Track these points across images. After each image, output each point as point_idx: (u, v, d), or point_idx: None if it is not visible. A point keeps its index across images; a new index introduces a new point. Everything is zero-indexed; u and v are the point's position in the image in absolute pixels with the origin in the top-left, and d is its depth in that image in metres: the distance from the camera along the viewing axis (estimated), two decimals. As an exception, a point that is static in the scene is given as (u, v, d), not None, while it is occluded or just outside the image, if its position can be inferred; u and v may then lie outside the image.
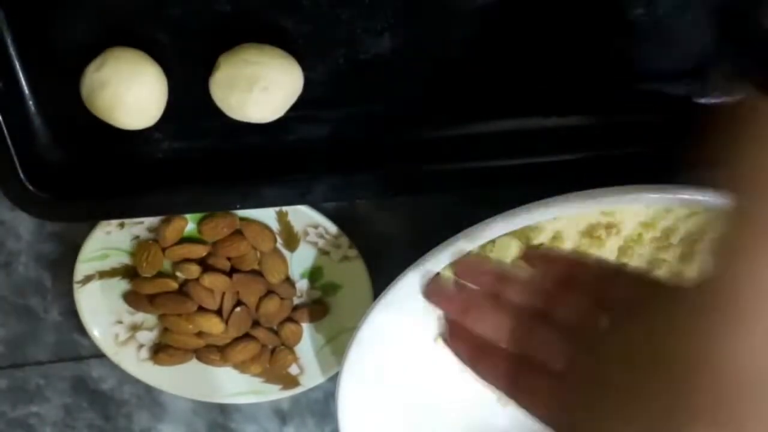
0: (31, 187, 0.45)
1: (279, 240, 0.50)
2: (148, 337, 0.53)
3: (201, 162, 0.46)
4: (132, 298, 0.51)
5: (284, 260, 0.50)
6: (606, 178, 0.42)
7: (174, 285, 0.51)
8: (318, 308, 0.52)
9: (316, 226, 0.49)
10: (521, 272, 0.37)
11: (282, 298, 0.51)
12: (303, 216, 0.48)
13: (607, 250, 0.45)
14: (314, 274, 0.51)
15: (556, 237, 0.45)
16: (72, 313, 0.53)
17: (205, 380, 0.54)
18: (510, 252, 0.46)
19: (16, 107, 0.44)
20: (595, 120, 0.45)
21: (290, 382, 0.54)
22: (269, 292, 0.51)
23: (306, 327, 0.53)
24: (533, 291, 0.36)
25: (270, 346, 0.53)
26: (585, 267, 0.35)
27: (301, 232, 0.49)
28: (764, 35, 0.42)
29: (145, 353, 0.53)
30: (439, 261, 0.45)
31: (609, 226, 0.44)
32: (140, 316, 0.52)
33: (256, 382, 0.54)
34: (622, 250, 0.46)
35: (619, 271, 0.35)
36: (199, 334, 0.52)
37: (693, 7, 0.43)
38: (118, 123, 0.43)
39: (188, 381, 0.54)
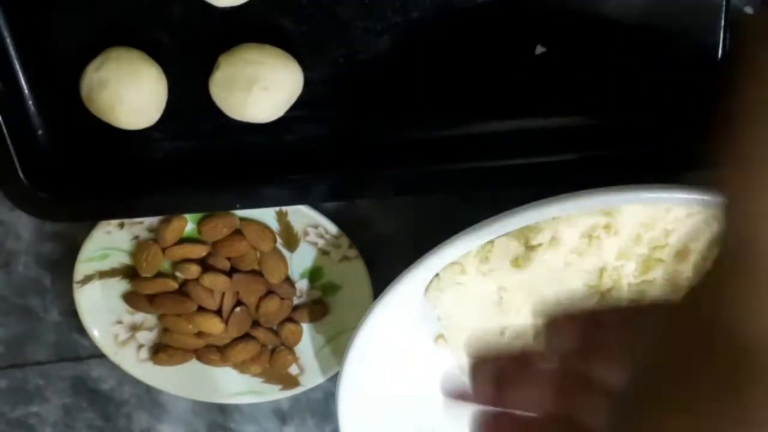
0: (31, 187, 0.45)
1: (279, 240, 0.50)
2: (147, 337, 0.53)
3: (201, 162, 0.46)
4: (132, 298, 0.51)
5: (284, 260, 0.50)
6: (605, 178, 0.42)
7: (174, 285, 0.51)
8: (318, 308, 0.52)
9: (316, 226, 0.49)
10: (538, 345, 0.36)
11: (282, 298, 0.51)
12: (303, 216, 0.48)
13: (606, 251, 0.45)
14: (314, 274, 0.51)
15: (555, 237, 0.45)
16: (72, 313, 0.53)
17: (205, 380, 0.54)
18: (510, 252, 0.46)
19: (16, 107, 0.44)
20: (595, 120, 0.45)
21: (290, 382, 0.54)
22: (269, 292, 0.51)
23: (306, 327, 0.53)
24: (558, 355, 0.35)
25: (270, 346, 0.53)
26: (600, 319, 0.35)
27: (301, 232, 0.49)
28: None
29: (144, 353, 0.53)
30: (439, 261, 0.45)
31: (608, 227, 0.44)
32: (140, 316, 0.52)
33: (256, 382, 0.54)
34: (621, 250, 0.46)
35: (639, 309, 0.34)
36: (199, 334, 0.52)
37: (692, 7, 0.43)
38: (118, 123, 0.43)
39: (188, 381, 0.54)
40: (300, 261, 0.51)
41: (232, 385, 0.54)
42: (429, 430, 0.52)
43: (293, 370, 0.54)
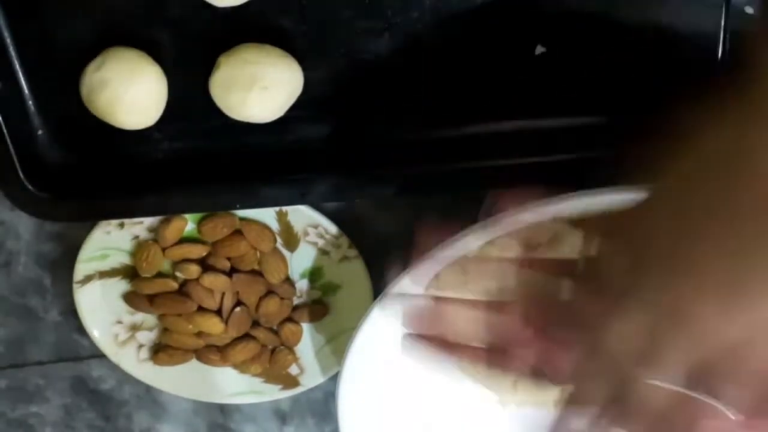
0: (31, 187, 0.45)
1: (279, 240, 0.50)
2: (147, 337, 0.53)
3: (201, 162, 0.46)
4: (132, 298, 0.51)
5: (284, 260, 0.50)
6: (606, 178, 0.42)
7: (174, 285, 0.51)
8: (318, 308, 0.52)
9: (316, 226, 0.49)
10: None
11: (282, 298, 0.51)
12: (303, 216, 0.48)
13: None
14: (314, 274, 0.51)
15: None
16: (72, 313, 0.53)
17: (205, 380, 0.54)
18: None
19: (16, 107, 0.44)
20: (595, 120, 0.45)
21: (290, 382, 0.54)
22: (269, 292, 0.51)
23: (306, 327, 0.53)
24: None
25: (270, 346, 0.53)
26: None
27: (301, 232, 0.49)
28: None
29: (144, 353, 0.53)
30: (438, 261, 0.45)
31: (609, 226, 0.44)
32: (140, 316, 0.52)
33: (256, 382, 0.54)
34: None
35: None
36: (199, 334, 0.52)
37: (692, 7, 0.43)
38: (118, 123, 0.43)
39: (188, 381, 0.54)
40: (300, 261, 0.51)
41: (232, 385, 0.54)
42: (428, 430, 0.52)
43: (293, 370, 0.54)
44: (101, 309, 0.52)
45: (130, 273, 0.51)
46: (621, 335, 0.28)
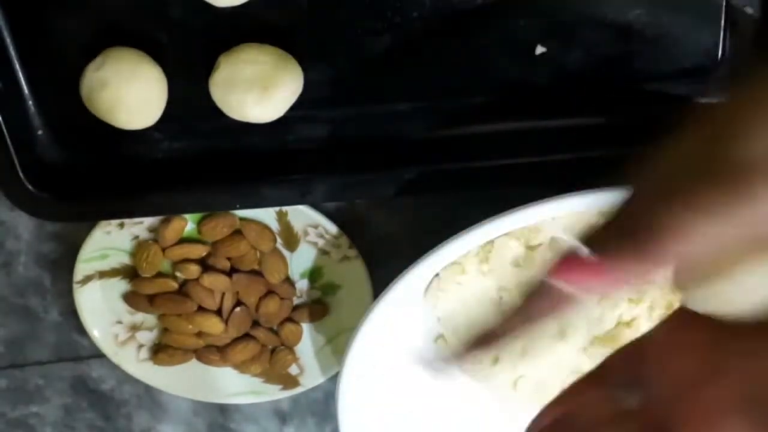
0: (31, 187, 0.45)
1: (279, 240, 0.50)
2: (147, 337, 0.53)
3: (201, 162, 0.46)
4: (132, 298, 0.51)
5: (284, 260, 0.50)
6: (605, 178, 0.42)
7: (174, 285, 0.51)
8: (318, 308, 0.52)
9: (316, 226, 0.49)
10: None
11: (282, 298, 0.51)
12: (303, 216, 0.48)
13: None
14: (314, 274, 0.51)
15: (555, 237, 0.45)
16: (72, 313, 0.53)
17: (205, 380, 0.54)
18: (510, 252, 0.46)
19: (16, 107, 0.44)
20: (595, 120, 0.45)
21: (290, 382, 0.54)
22: (269, 292, 0.51)
23: (306, 327, 0.53)
24: None
25: (270, 346, 0.53)
26: None
27: (301, 232, 0.49)
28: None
29: (145, 353, 0.53)
30: (439, 261, 0.45)
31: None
32: (140, 316, 0.52)
33: (256, 382, 0.54)
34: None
35: None
36: (199, 334, 0.52)
37: (692, 7, 0.43)
38: (118, 123, 0.43)
39: (188, 381, 0.54)
40: (300, 261, 0.51)
41: (232, 385, 0.54)
42: (428, 429, 0.52)
43: (293, 370, 0.54)
44: (101, 309, 0.52)
45: (130, 273, 0.51)
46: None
